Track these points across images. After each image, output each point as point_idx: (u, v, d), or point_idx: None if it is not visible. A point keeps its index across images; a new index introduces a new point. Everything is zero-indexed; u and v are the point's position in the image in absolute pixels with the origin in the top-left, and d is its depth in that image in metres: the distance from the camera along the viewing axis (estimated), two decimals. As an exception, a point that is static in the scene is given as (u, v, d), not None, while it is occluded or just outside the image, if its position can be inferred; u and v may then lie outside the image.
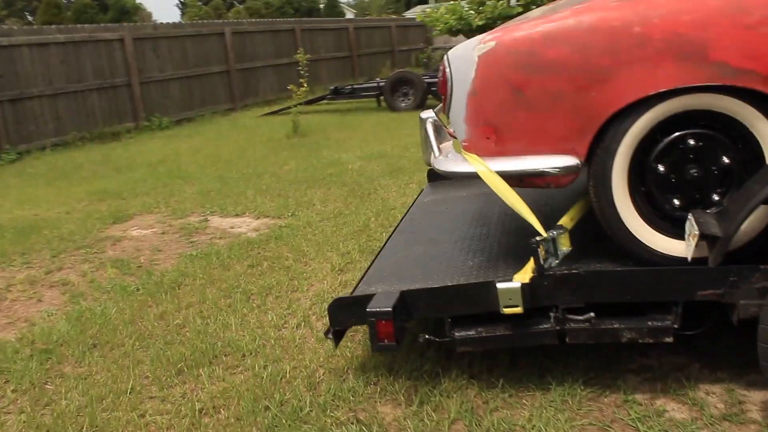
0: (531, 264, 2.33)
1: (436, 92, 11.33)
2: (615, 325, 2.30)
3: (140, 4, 43.10)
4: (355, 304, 2.42)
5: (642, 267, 2.35)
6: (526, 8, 14.43)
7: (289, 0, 51.11)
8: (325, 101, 12.26)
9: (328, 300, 3.39)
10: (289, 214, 5.20)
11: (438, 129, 2.81)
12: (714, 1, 2.25)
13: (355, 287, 2.76)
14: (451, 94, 2.51)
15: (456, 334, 2.35)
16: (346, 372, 2.65)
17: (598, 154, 2.38)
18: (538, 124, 2.41)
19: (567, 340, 2.33)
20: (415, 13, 39.56)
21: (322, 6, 54.50)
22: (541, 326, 2.33)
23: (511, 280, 2.30)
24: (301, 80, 9.39)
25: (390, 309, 2.24)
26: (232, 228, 4.99)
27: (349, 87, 12.11)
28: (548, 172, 2.42)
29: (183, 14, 44.50)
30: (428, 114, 2.90)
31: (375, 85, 11.93)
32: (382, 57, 19.39)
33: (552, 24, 2.37)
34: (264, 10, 45.75)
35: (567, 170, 2.41)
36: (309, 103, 11.79)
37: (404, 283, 2.65)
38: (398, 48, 20.44)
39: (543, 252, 2.32)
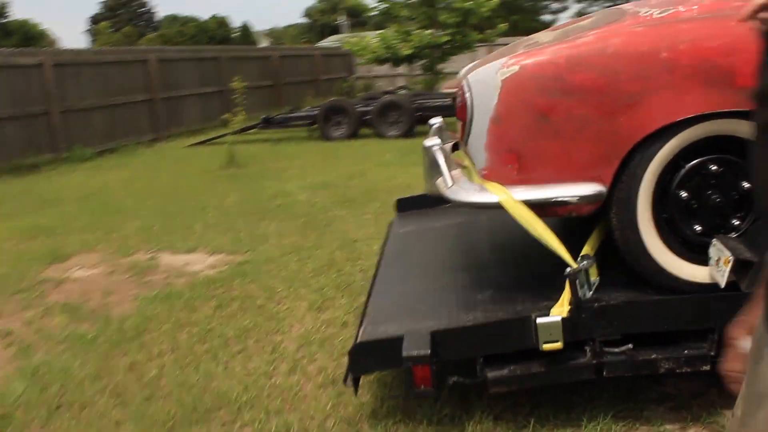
0: (566, 296, 2.21)
1: (369, 121, 11.28)
2: (653, 356, 2.22)
3: (46, 29, 41.31)
4: (382, 348, 2.22)
5: (675, 295, 2.29)
6: (452, 37, 14.73)
7: (203, 28, 50.37)
8: (254, 130, 11.93)
9: (315, 342, 3.18)
10: (246, 249, 4.92)
11: (447, 156, 2.67)
12: (740, 27, 2.23)
13: (360, 328, 2.56)
14: (471, 120, 2.39)
15: (489, 374, 2.19)
16: (360, 421, 2.43)
17: (623, 181, 2.31)
18: (563, 150, 2.31)
19: (605, 373, 2.22)
20: (332, 41, 39.78)
21: (236, 35, 54.05)
22: (577, 361, 2.21)
23: (548, 314, 2.17)
24: (237, 109, 9.08)
25: (429, 353, 2.06)
26: (187, 266, 4.65)
27: (281, 116, 11.87)
28: (573, 200, 2.33)
29: (93, 41, 42.93)
30: (432, 141, 2.76)
31: (307, 114, 11.74)
32: (306, 86, 19.22)
33: (577, 48, 2.29)
34: (178, 38, 44.86)
35: (592, 198, 2.33)
36: (238, 132, 11.45)
37: (416, 321, 2.47)
38: (322, 77, 20.34)
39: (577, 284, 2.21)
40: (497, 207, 2.35)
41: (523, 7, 27.68)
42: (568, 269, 2.18)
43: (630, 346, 2.19)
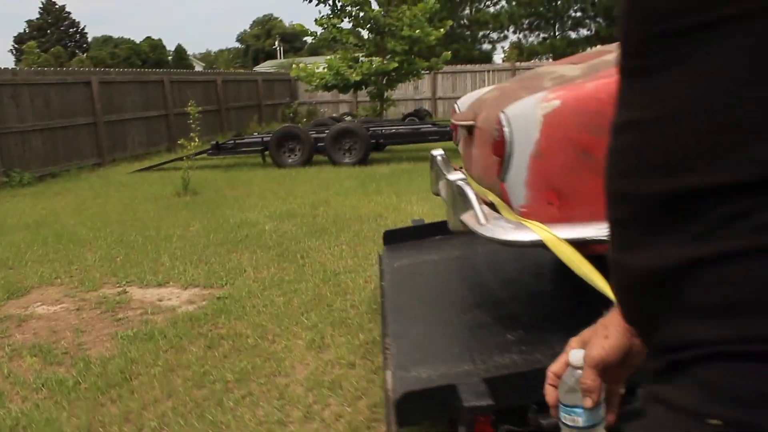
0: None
1: (322, 148, 11.15)
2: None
3: (-33, 48, 39.43)
4: (432, 397, 2.09)
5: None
6: (401, 64, 14.83)
7: (136, 50, 49.28)
8: (202, 156, 11.61)
9: (324, 385, 3.01)
10: (221, 282, 4.70)
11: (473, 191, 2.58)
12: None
13: (387, 373, 2.43)
14: (510, 157, 2.31)
15: (543, 421, 2.09)
16: (394, 474, 2.29)
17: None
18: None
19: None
20: (269, 67, 39.53)
21: (170, 58, 53.12)
22: (632, 405, 2.14)
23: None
24: (192, 134, 8.79)
25: (493, 403, 1.94)
26: (161, 301, 4.39)
27: (231, 142, 11.59)
28: (614, 239, 2.27)
29: (19, 61, 41.25)
30: (456, 175, 2.68)
31: (259, 140, 11.51)
32: (250, 111, 18.98)
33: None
34: (110, 60, 43.70)
35: (633, 237, 2.28)
36: (189, 158, 11.12)
37: (452, 366, 2.36)
38: (265, 102, 20.13)
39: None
40: (538, 246, 2.27)
41: (463, 35, 28.26)
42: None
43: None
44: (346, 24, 15.07)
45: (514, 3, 27.76)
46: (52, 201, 8.53)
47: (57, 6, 52.34)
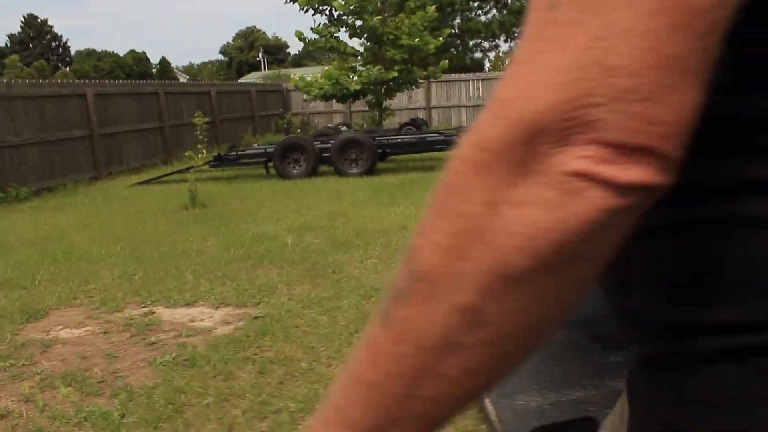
0: None
1: (328, 159, 10.90)
2: None
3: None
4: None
5: None
6: (401, 73, 14.64)
7: (120, 63, 48.86)
8: (202, 168, 11.30)
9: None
10: (255, 301, 4.42)
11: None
12: None
13: (486, 402, 2.19)
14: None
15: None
16: None
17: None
18: None
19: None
20: (255, 78, 39.34)
21: (155, 71, 52.74)
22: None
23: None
24: (199, 146, 8.51)
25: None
26: (193, 322, 4.11)
27: (234, 153, 11.31)
28: None
29: (1, 75, 40.66)
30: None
31: (263, 151, 11.24)
32: (244, 122, 18.71)
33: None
34: (93, 73, 43.26)
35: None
36: (187, 170, 10.82)
37: (559, 391, 2.13)
38: (258, 113, 19.87)
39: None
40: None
41: (455, 44, 28.21)
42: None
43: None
44: (343, 33, 14.89)
45: (505, 12, 27.78)
46: (54, 216, 8.19)
47: (39, 20, 51.89)
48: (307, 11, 14.52)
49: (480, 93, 20.91)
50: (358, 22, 14.40)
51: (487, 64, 30.90)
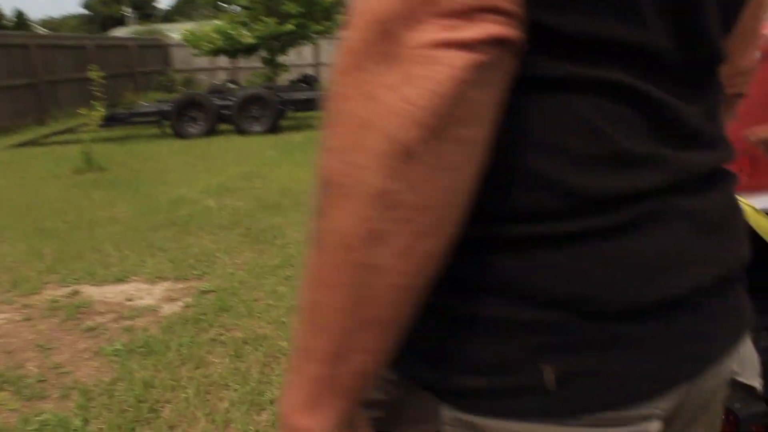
0: None
1: (228, 117, 10.28)
2: None
3: None
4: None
5: None
6: (299, 27, 14.01)
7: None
8: (86, 128, 10.32)
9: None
10: (198, 273, 3.98)
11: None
12: None
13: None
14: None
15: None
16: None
17: None
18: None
19: None
20: (126, 33, 36.72)
21: (11, 24, 48.05)
22: None
23: None
24: (94, 102, 7.66)
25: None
26: (131, 301, 3.62)
27: (126, 111, 10.39)
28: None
29: None
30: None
31: (157, 109, 10.39)
32: (123, 80, 17.32)
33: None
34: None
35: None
36: (77, 129, 9.86)
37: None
38: (139, 69, 18.49)
39: None
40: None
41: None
42: None
43: None
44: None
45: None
46: None
47: None
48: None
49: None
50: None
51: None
